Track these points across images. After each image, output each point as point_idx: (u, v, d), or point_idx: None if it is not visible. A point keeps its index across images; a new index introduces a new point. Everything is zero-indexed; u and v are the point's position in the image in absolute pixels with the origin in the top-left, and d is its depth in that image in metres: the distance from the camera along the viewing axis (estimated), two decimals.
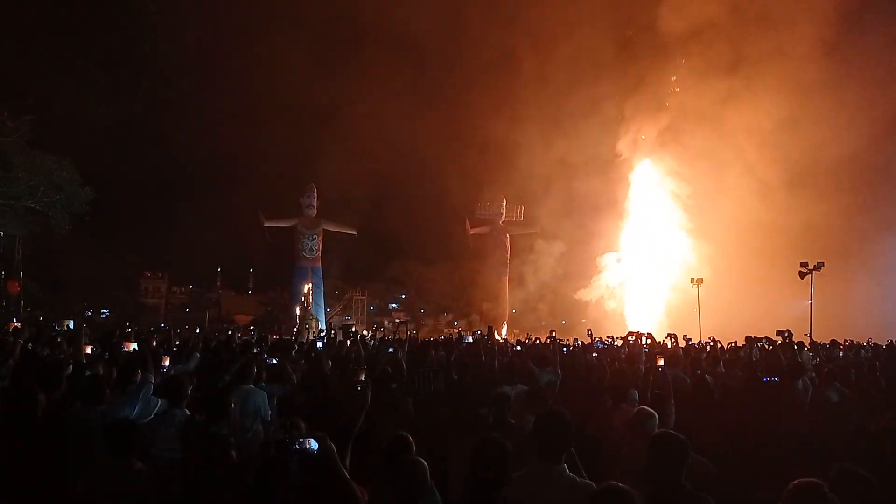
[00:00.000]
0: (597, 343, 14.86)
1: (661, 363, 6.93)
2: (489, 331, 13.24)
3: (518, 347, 13.55)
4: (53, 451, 4.40)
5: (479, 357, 9.19)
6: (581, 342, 16.19)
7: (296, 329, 29.05)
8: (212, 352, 9.80)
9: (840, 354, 14.66)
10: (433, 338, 23.23)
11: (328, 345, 11.97)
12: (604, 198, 40.43)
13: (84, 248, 36.94)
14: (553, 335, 12.91)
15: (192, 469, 3.53)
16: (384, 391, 6.01)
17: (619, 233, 41.39)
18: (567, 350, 12.84)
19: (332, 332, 20.41)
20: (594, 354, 11.50)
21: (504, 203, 47.90)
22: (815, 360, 11.35)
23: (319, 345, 10.92)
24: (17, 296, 33.21)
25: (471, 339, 14.35)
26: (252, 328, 37.60)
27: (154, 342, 9.73)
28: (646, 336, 11.48)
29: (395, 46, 45.50)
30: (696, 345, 15.92)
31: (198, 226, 45.60)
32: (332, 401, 6.18)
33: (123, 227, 49.62)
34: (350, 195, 44.36)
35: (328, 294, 47.67)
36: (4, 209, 27.10)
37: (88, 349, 7.68)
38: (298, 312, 41.63)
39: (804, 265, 26.30)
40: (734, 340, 15.36)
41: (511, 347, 14.01)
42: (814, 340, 16.82)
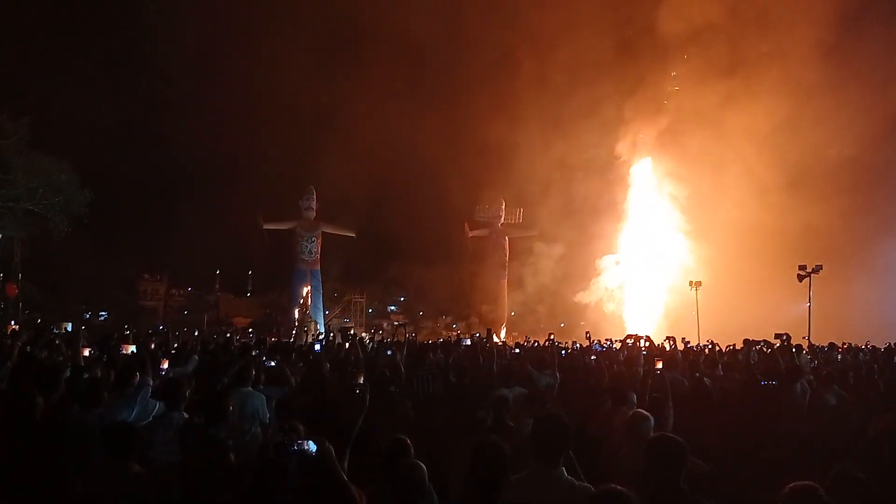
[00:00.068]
0: (595, 346, 14.85)
1: (660, 366, 6.94)
2: (488, 333, 13.26)
3: (517, 350, 13.56)
4: (51, 454, 4.40)
5: (478, 359, 9.19)
6: (580, 345, 16.18)
7: (294, 332, 29.02)
8: (210, 354, 9.78)
9: (838, 357, 14.64)
10: (432, 340, 23.18)
11: (327, 347, 11.94)
12: (603, 200, 40.52)
13: (83, 250, 36.89)
14: (552, 338, 12.91)
15: (191, 472, 3.54)
16: (383, 394, 6.02)
17: (618, 235, 41.40)
18: (565, 353, 12.83)
19: (331, 335, 20.38)
20: (593, 357, 11.49)
21: (503, 205, 47.79)
22: (814, 363, 11.32)
23: (318, 347, 10.89)
24: (16, 298, 33.13)
25: (469, 342, 14.33)
26: (250, 331, 37.48)
27: (152, 345, 9.73)
28: (644, 339, 11.47)
29: (395, 47, 45.47)
30: (695, 347, 15.92)
31: (197, 227, 45.65)
32: (331, 403, 6.16)
33: (123, 229, 49.72)
34: (349, 196, 44.50)
35: (327, 296, 47.65)
36: (3, 211, 27.10)
37: (87, 352, 7.70)
38: (297, 315, 41.64)
39: (802, 268, 26.31)
40: (732, 343, 15.32)
41: (510, 350, 14.02)
42: (812, 343, 16.83)
